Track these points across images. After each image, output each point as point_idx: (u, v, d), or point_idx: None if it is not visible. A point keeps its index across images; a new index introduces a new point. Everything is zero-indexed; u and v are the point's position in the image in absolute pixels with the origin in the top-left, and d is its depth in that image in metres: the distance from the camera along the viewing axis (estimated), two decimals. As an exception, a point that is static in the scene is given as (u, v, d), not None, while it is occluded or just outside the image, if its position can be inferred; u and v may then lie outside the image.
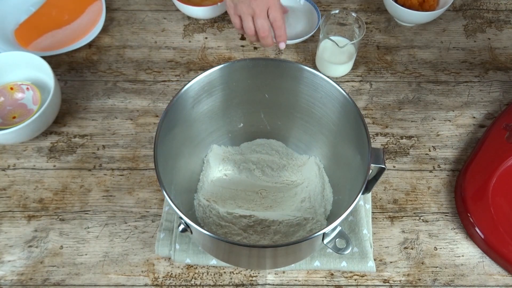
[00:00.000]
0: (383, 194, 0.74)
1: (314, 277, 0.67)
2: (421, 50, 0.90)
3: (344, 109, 0.61)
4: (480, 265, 0.68)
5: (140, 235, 0.70)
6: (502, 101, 0.83)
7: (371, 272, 0.67)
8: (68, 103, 0.82)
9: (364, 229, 0.68)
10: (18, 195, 0.73)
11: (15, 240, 0.69)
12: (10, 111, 0.78)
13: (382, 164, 0.55)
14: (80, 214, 0.71)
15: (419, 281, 0.66)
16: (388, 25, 0.93)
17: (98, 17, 0.90)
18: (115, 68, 0.87)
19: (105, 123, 0.80)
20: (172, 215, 0.70)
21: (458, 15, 0.95)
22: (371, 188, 0.61)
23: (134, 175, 0.75)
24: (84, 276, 0.66)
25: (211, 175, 0.72)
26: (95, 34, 0.88)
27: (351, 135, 0.61)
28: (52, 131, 0.79)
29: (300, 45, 0.90)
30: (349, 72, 0.86)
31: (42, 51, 0.85)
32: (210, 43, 0.90)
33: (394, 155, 0.77)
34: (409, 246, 0.69)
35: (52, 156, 0.77)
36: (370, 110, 0.82)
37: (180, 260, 0.66)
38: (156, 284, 0.66)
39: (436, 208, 0.72)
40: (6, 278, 0.66)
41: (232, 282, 0.66)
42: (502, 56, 0.89)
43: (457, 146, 0.78)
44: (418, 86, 0.85)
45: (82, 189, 0.73)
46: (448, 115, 0.82)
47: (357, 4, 0.96)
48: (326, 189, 0.70)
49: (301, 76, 0.63)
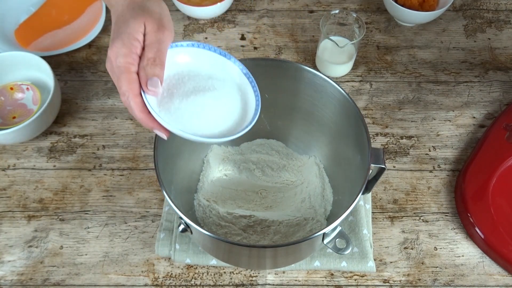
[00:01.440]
0: (383, 194, 0.74)
1: (314, 277, 0.67)
2: (421, 50, 0.90)
3: (344, 109, 0.61)
4: (480, 265, 0.68)
5: (140, 235, 0.70)
6: (502, 101, 0.83)
7: (371, 272, 0.67)
8: (68, 103, 0.82)
9: (364, 229, 0.68)
10: (18, 195, 0.73)
11: (15, 240, 0.69)
12: (10, 111, 0.78)
13: (382, 164, 0.55)
14: (80, 214, 0.71)
15: (419, 281, 0.66)
16: (388, 25, 0.93)
17: (98, 17, 0.90)
18: (115, 68, 0.87)
19: (105, 123, 0.80)
20: (172, 215, 0.70)
21: (458, 15, 0.95)
22: (371, 188, 0.61)
23: (134, 175, 0.75)
24: (84, 276, 0.66)
25: (211, 175, 0.72)
26: (95, 34, 0.88)
27: (351, 135, 0.61)
28: (52, 131, 0.79)
29: (300, 45, 0.90)
30: (349, 72, 0.86)
31: (42, 51, 0.85)
32: (210, 43, 0.90)
33: (394, 155, 0.77)
34: (409, 246, 0.69)
35: (52, 156, 0.77)
36: (370, 110, 0.82)
37: (180, 260, 0.66)
38: (156, 284, 0.66)
39: (436, 208, 0.72)
40: (6, 278, 0.66)
41: (232, 282, 0.66)
42: (502, 56, 0.89)
43: (457, 146, 0.78)
44: (418, 86, 0.85)
45: (82, 189, 0.73)
46: (448, 115, 0.82)
47: (357, 4, 0.96)
48: (326, 189, 0.70)
49: (301, 76, 0.63)
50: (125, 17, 0.49)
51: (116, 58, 0.47)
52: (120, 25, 0.49)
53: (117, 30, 0.49)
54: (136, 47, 0.48)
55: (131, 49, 0.47)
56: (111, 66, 0.48)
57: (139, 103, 0.48)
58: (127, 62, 0.47)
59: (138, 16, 0.48)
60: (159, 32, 0.49)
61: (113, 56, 0.47)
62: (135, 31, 0.48)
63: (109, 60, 0.48)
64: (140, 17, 0.48)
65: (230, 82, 0.54)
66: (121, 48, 0.47)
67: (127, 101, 0.48)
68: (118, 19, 0.49)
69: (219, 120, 0.52)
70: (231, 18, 0.94)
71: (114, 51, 0.47)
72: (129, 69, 0.47)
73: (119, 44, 0.47)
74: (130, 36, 0.47)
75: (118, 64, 0.47)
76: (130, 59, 0.47)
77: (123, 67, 0.47)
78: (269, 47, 0.90)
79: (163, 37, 0.49)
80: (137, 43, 0.48)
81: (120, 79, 0.47)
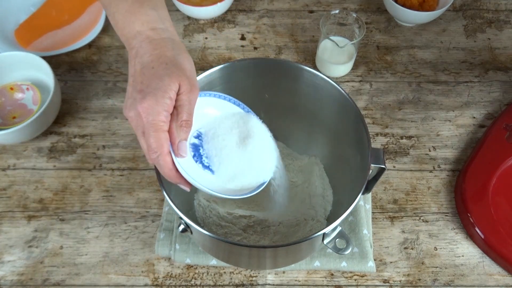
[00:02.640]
0: (383, 194, 0.74)
1: (314, 277, 0.67)
2: (421, 50, 0.89)
3: (344, 109, 0.61)
4: (480, 265, 0.68)
5: (140, 235, 0.70)
6: (502, 101, 0.83)
7: (371, 272, 0.67)
8: (68, 103, 0.82)
9: (364, 229, 0.68)
10: (18, 195, 0.73)
11: (15, 240, 0.69)
12: (10, 111, 0.78)
13: (382, 164, 0.55)
14: (80, 214, 0.71)
15: (419, 281, 0.66)
16: (388, 25, 0.93)
17: (98, 17, 0.90)
18: (115, 68, 0.87)
19: (105, 123, 0.80)
20: (172, 215, 0.70)
21: (458, 15, 0.95)
22: (371, 188, 0.61)
23: (134, 175, 0.75)
24: (84, 276, 0.66)
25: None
26: (95, 34, 0.88)
27: (351, 135, 0.61)
28: (52, 131, 0.79)
29: (300, 45, 0.90)
30: (349, 72, 0.86)
31: (42, 51, 0.85)
32: (210, 43, 0.90)
33: (394, 155, 0.77)
34: (409, 246, 0.69)
35: (52, 156, 0.77)
36: (370, 110, 0.82)
37: (180, 260, 0.66)
38: (156, 284, 0.66)
39: (436, 208, 0.72)
40: (6, 278, 0.66)
41: (232, 282, 0.66)
42: (502, 56, 0.89)
43: (457, 146, 0.78)
44: (418, 86, 0.85)
45: (82, 189, 0.73)
46: (448, 115, 0.82)
47: (357, 4, 0.96)
48: (326, 190, 0.70)
49: (301, 76, 0.63)
50: (157, 72, 0.47)
51: (147, 114, 0.46)
52: (150, 78, 0.47)
53: (147, 83, 0.47)
54: (170, 106, 0.47)
55: (165, 107, 0.46)
56: (139, 121, 0.46)
57: (169, 162, 0.48)
58: (160, 121, 0.46)
59: (174, 74, 0.47)
60: (191, 93, 0.48)
61: (144, 112, 0.46)
62: (170, 90, 0.46)
63: (137, 114, 0.46)
64: (175, 76, 0.47)
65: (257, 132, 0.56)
66: (155, 105, 0.46)
67: (156, 159, 0.47)
68: (146, 70, 0.47)
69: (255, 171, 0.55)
70: (231, 18, 0.94)
71: (146, 107, 0.46)
72: (162, 128, 0.46)
73: (153, 101, 0.46)
74: (165, 95, 0.46)
75: (151, 121, 0.46)
76: (164, 117, 0.46)
77: (156, 126, 0.46)
78: (269, 47, 0.90)
79: (194, 98, 0.49)
80: (171, 102, 0.47)
81: (151, 137, 0.46)
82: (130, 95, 0.47)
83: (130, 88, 0.48)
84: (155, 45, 0.48)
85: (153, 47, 0.48)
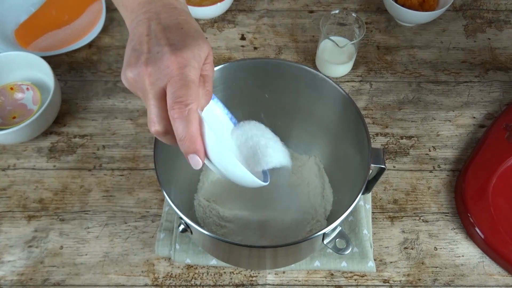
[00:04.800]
0: (383, 194, 0.74)
1: (314, 277, 0.67)
2: (421, 50, 0.89)
3: (344, 109, 0.61)
4: (480, 265, 0.68)
5: (140, 235, 0.70)
6: (502, 101, 0.83)
7: (371, 272, 0.67)
8: (68, 103, 0.82)
9: (364, 229, 0.68)
10: (18, 195, 0.73)
11: (15, 240, 0.69)
12: (10, 111, 0.78)
13: (382, 164, 0.55)
14: (80, 214, 0.71)
15: (419, 281, 0.66)
16: (388, 25, 0.93)
17: (98, 17, 0.90)
18: (115, 68, 0.87)
19: (105, 123, 0.80)
20: (172, 215, 0.70)
21: (458, 15, 0.95)
22: (371, 188, 0.61)
23: (134, 175, 0.75)
24: (84, 276, 0.66)
25: (211, 175, 0.71)
26: (95, 34, 0.87)
27: (351, 135, 0.61)
28: (52, 131, 0.79)
29: (300, 45, 0.90)
30: (349, 72, 0.86)
31: (42, 51, 0.85)
32: (210, 43, 0.90)
33: (394, 155, 0.77)
34: (409, 246, 0.69)
35: (52, 156, 0.77)
36: (370, 110, 0.82)
37: (180, 260, 0.66)
38: (156, 284, 0.66)
39: (436, 208, 0.72)
40: (6, 278, 0.66)
41: (232, 282, 0.66)
42: (502, 56, 0.89)
43: (457, 146, 0.78)
44: (418, 86, 0.85)
45: (82, 189, 0.73)
46: (448, 115, 0.82)
47: (357, 4, 0.96)
48: (326, 189, 0.70)
49: (301, 76, 0.63)
50: (189, 33, 0.43)
51: (184, 66, 0.41)
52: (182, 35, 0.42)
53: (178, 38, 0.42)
54: (200, 68, 0.43)
55: (200, 65, 0.43)
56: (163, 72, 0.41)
57: (197, 119, 0.42)
58: (197, 75, 0.42)
59: (206, 41, 0.43)
60: (213, 65, 0.45)
61: (180, 63, 0.41)
62: (203, 52, 0.43)
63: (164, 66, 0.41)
64: (207, 43, 0.44)
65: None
66: (192, 59, 0.41)
67: (187, 114, 0.40)
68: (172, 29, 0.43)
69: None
70: (231, 18, 0.94)
71: (184, 58, 0.41)
72: (197, 82, 0.42)
73: (190, 54, 0.41)
74: (201, 54, 0.43)
75: (187, 73, 0.41)
76: (198, 73, 0.42)
77: (194, 78, 0.41)
78: (269, 47, 0.90)
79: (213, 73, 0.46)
80: (202, 64, 0.43)
81: (183, 88, 0.40)
82: (147, 49, 0.42)
83: (145, 46, 0.42)
84: (180, 11, 0.45)
85: (178, 12, 0.45)
